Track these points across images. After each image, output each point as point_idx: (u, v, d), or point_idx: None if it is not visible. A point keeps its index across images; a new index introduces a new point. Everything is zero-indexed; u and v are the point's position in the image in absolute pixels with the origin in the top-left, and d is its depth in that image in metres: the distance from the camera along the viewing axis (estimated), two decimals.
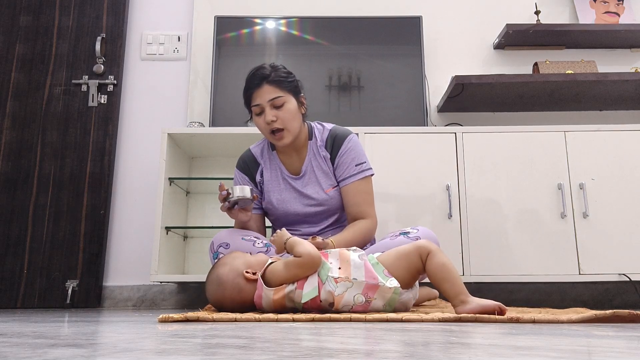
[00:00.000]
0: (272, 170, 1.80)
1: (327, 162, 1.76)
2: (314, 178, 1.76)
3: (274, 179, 1.79)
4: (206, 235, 2.50)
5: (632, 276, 2.12)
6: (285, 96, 1.68)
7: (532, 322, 1.10)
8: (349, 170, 1.73)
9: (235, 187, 1.60)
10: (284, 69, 1.72)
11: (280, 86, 1.68)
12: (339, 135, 1.77)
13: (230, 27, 2.69)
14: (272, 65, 1.71)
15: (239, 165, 1.85)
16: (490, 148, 2.27)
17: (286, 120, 1.68)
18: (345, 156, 1.74)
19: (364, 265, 1.32)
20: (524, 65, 2.81)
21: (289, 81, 1.70)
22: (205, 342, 0.70)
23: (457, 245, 2.17)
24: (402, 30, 2.69)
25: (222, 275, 1.38)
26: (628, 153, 2.26)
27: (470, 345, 0.66)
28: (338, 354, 0.57)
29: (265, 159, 1.82)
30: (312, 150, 1.78)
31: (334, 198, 1.75)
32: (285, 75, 1.70)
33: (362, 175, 1.73)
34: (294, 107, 1.70)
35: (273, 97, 1.67)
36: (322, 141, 1.78)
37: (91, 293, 2.49)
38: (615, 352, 0.59)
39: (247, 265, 1.38)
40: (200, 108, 2.74)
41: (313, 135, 1.80)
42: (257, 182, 1.81)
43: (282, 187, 1.78)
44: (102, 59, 2.76)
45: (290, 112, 1.69)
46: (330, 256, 1.37)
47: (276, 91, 1.67)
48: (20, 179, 2.61)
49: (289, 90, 1.70)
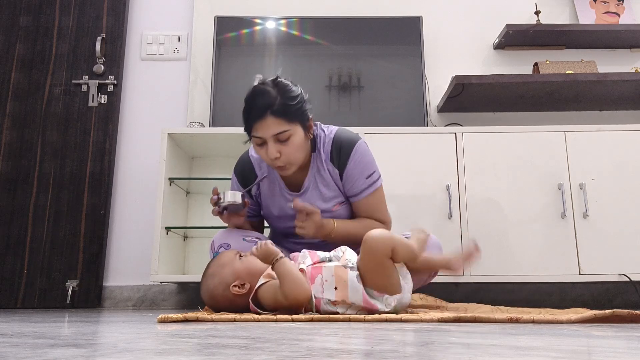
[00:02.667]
0: (271, 182, 1.65)
1: (335, 177, 1.60)
2: (317, 194, 1.60)
3: (273, 194, 1.65)
4: (206, 235, 2.50)
5: (632, 276, 2.12)
6: (292, 128, 1.47)
7: (532, 322, 1.10)
8: (358, 184, 1.58)
9: (226, 192, 1.54)
10: (290, 89, 1.50)
11: (286, 117, 1.46)
12: (345, 146, 1.58)
13: (230, 27, 2.69)
14: (277, 84, 1.50)
15: (236, 170, 1.71)
16: (490, 148, 2.27)
17: (291, 155, 1.50)
18: (353, 170, 1.57)
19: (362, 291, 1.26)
20: (524, 65, 2.81)
21: (296, 108, 1.48)
22: (205, 342, 0.70)
23: (457, 245, 2.17)
24: (402, 30, 2.69)
25: (212, 289, 1.36)
26: (628, 153, 2.26)
27: (470, 345, 0.66)
28: (338, 354, 0.57)
29: (264, 171, 1.66)
30: (315, 164, 1.61)
31: (342, 214, 1.62)
32: (293, 101, 1.48)
33: (373, 188, 1.59)
34: (300, 139, 1.50)
35: (278, 132, 1.46)
36: (326, 154, 1.59)
37: (91, 293, 2.49)
38: (615, 352, 0.59)
39: (235, 276, 1.33)
40: (200, 108, 2.74)
41: (316, 146, 1.61)
42: (253, 194, 1.68)
43: (281, 203, 1.63)
44: (102, 59, 2.76)
45: (296, 145, 1.49)
46: (324, 271, 1.28)
47: (282, 124, 1.46)
48: (20, 179, 2.61)
49: (296, 119, 1.49)
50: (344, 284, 1.26)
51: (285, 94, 1.48)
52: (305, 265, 1.31)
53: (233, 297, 1.33)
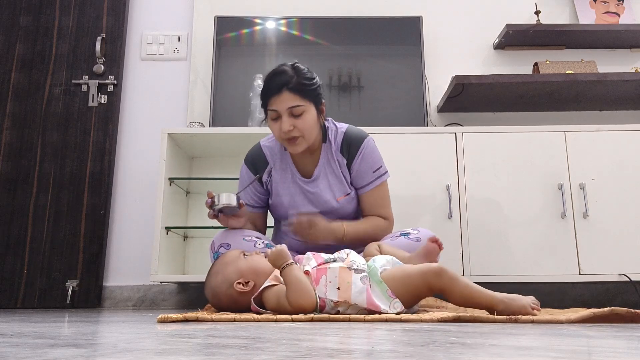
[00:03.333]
0: (283, 171, 1.72)
1: (343, 168, 1.68)
2: (326, 183, 1.68)
3: (284, 181, 1.71)
4: (206, 235, 2.50)
5: (632, 276, 2.12)
6: (306, 105, 1.57)
7: (531, 322, 1.10)
8: (366, 178, 1.68)
9: (221, 195, 1.54)
10: (307, 73, 1.60)
11: (301, 94, 1.56)
12: (354, 141, 1.68)
13: (231, 27, 2.69)
14: (295, 67, 1.59)
15: (247, 160, 1.77)
16: (490, 148, 2.27)
17: (304, 130, 1.58)
18: (362, 164, 1.67)
19: (366, 291, 1.25)
20: (524, 65, 2.81)
21: (311, 89, 1.59)
22: (206, 342, 0.70)
23: (457, 245, 2.17)
24: (402, 30, 2.69)
25: (215, 286, 1.37)
26: (628, 153, 2.26)
27: (470, 345, 0.66)
28: (338, 354, 0.57)
29: (276, 158, 1.73)
30: (326, 153, 1.70)
31: (345, 206, 1.69)
32: (308, 81, 1.58)
33: (379, 181, 1.69)
34: (313, 117, 1.60)
35: (292, 106, 1.55)
36: (336, 145, 1.69)
37: (91, 293, 2.49)
38: (615, 352, 0.59)
39: (239, 274, 1.34)
40: (200, 108, 2.74)
41: (327, 137, 1.70)
42: (263, 181, 1.73)
43: (293, 190, 1.70)
44: (102, 59, 2.76)
45: (309, 122, 1.58)
46: (329, 273, 1.28)
47: (296, 99, 1.56)
48: (20, 179, 2.61)
49: (310, 98, 1.59)
50: (347, 285, 1.26)
51: (302, 75, 1.58)
52: (310, 267, 1.32)
53: (237, 294, 1.33)
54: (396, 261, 1.37)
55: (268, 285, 1.31)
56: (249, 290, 1.33)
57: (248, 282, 1.34)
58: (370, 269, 1.29)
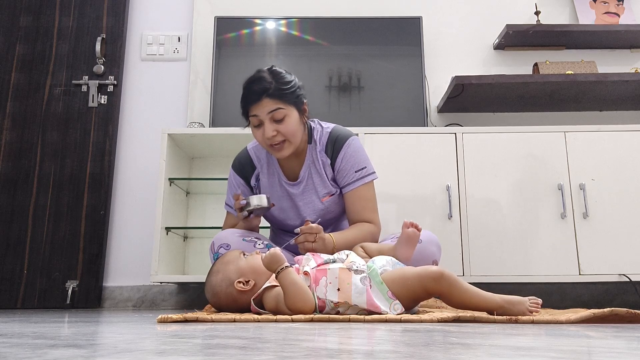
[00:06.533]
0: (270, 175, 1.72)
1: (327, 168, 1.68)
2: (312, 185, 1.68)
3: (271, 185, 1.72)
4: (206, 236, 2.50)
5: (632, 276, 2.12)
6: (287, 108, 1.57)
7: (531, 323, 1.10)
8: (348, 177, 1.66)
9: (252, 197, 1.58)
10: (285, 76, 1.59)
11: (281, 99, 1.56)
12: (339, 140, 1.68)
13: (230, 27, 2.69)
14: (272, 72, 1.59)
15: (234, 165, 1.78)
16: (490, 148, 2.27)
17: (287, 134, 1.57)
18: (344, 162, 1.66)
19: (366, 292, 1.24)
20: (524, 66, 2.81)
21: (291, 92, 1.58)
22: (205, 343, 0.70)
23: (457, 245, 2.17)
24: (402, 31, 2.69)
25: (215, 285, 1.37)
26: (628, 153, 2.26)
27: (470, 345, 0.66)
28: (338, 354, 0.57)
29: (263, 163, 1.73)
30: (311, 155, 1.69)
31: (330, 208, 1.68)
32: (287, 85, 1.58)
33: (362, 182, 1.65)
34: (295, 120, 1.59)
35: (273, 109, 1.55)
36: (321, 145, 1.69)
37: (91, 293, 2.49)
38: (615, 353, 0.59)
39: (240, 273, 1.34)
40: (200, 108, 2.74)
41: (312, 138, 1.70)
42: (251, 185, 1.74)
43: (280, 194, 1.70)
44: (102, 60, 2.76)
45: (292, 125, 1.58)
46: (329, 274, 1.28)
47: (277, 103, 1.55)
48: (20, 179, 2.61)
49: (290, 102, 1.58)
50: (347, 286, 1.25)
51: (280, 80, 1.58)
52: (310, 267, 1.31)
53: (236, 293, 1.33)
54: (395, 262, 1.37)
55: (269, 286, 1.31)
56: (249, 289, 1.33)
57: (248, 282, 1.34)
58: (370, 270, 1.28)
